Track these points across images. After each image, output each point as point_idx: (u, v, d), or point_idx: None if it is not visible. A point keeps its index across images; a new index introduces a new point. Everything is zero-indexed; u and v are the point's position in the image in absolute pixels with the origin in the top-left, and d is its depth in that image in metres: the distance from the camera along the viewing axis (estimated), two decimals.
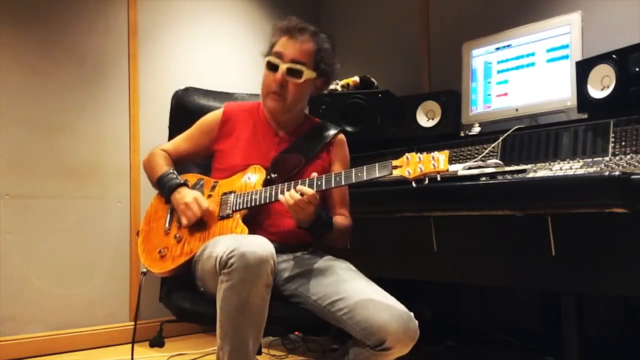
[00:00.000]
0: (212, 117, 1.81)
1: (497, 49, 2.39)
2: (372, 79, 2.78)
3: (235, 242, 1.34)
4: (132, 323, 2.89)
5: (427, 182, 1.39)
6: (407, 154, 1.42)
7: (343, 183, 1.47)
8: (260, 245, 1.34)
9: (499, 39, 2.39)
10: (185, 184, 1.68)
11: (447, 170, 1.37)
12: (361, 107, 2.56)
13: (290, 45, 1.67)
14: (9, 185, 2.58)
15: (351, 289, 1.46)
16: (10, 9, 2.63)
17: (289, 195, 1.48)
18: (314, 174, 1.51)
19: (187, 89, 2.01)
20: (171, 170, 1.71)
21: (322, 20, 3.67)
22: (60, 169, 2.73)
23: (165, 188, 1.68)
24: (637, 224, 1.49)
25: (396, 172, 1.41)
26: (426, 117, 2.49)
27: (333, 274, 1.52)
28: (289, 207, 1.48)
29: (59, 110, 2.74)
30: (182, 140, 1.82)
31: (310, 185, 1.49)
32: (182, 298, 1.56)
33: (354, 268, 1.59)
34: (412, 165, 1.40)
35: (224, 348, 1.33)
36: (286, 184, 1.54)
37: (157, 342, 1.72)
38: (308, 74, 1.67)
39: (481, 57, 2.44)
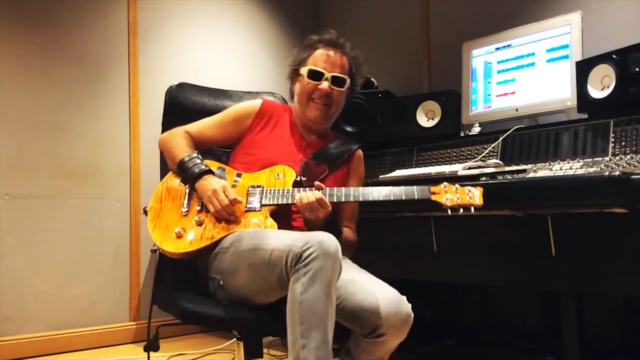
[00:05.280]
0: (248, 108, 1.79)
1: (497, 49, 2.39)
2: (372, 79, 2.78)
3: (305, 237, 1.33)
4: (132, 323, 2.89)
5: (461, 212, 1.45)
6: (444, 183, 1.49)
7: (381, 198, 1.50)
8: (331, 237, 1.34)
9: (499, 39, 2.39)
10: (211, 171, 1.63)
11: (481, 205, 1.46)
12: (361, 107, 2.56)
13: (333, 57, 1.72)
14: (9, 185, 2.58)
15: (341, 279, 1.43)
16: (10, 9, 2.63)
17: (305, 195, 1.51)
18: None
19: (181, 85, 1.97)
20: (195, 154, 1.66)
21: (322, 20, 3.67)
22: (60, 169, 2.73)
23: (188, 172, 1.63)
24: (637, 224, 1.49)
25: (434, 198, 1.47)
26: (426, 117, 2.49)
27: None
28: (300, 206, 1.51)
29: (59, 110, 2.74)
30: (211, 126, 1.77)
31: (347, 195, 1.53)
32: (188, 300, 1.50)
33: (349, 260, 1.60)
34: (449, 194, 1.47)
35: (308, 345, 1.25)
36: (328, 189, 1.55)
37: (152, 346, 1.70)
38: (347, 83, 1.74)
39: (481, 57, 2.44)
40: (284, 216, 1.61)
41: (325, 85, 1.70)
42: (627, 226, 1.52)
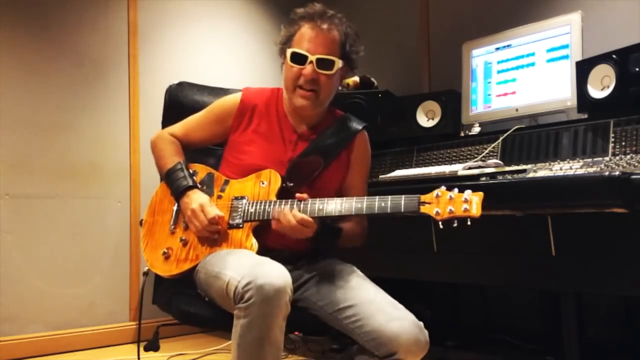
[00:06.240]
0: (228, 104, 1.68)
1: (497, 49, 2.38)
2: (372, 79, 2.78)
3: (251, 272, 1.27)
4: (132, 323, 2.89)
5: (455, 224, 1.31)
6: (437, 190, 1.33)
7: (364, 212, 1.41)
8: (276, 275, 1.28)
9: (499, 39, 2.38)
10: (195, 186, 1.59)
11: (479, 216, 1.28)
12: (361, 107, 2.56)
13: (318, 35, 1.55)
14: (9, 185, 2.58)
15: (359, 297, 1.41)
16: (10, 9, 2.62)
17: (285, 218, 1.41)
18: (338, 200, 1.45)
19: (180, 84, 1.95)
20: (180, 165, 1.62)
21: None
22: (60, 169, 2.73)
23: (173, 187, 1.60)
24: (637, 224, 1.49)
25: (423, 209, 1.34)
26: (426, 117, 2.48)
27: (340, 280, 1.48)
28: (283, 229, 1.43)
29: (59, 110, 2.74)
30: (194, 126, 1.71)
31: (330, 211, 1.43)
32: (185, 301, 1.52)
33: (361, 273, 1.54)
34: (441, 204, 1.32)
35: None
36: (302, 203, 1.45)
37: (152, 346, 1.70)
38: (338, 63, 1.56)
39: (481, 57, 2.44)
40: (268, 228, 1.52)
41: (309, 69, 1.53)
42: (627, 226, 1.52)
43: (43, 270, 2.65)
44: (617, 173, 1.41)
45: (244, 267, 1.32)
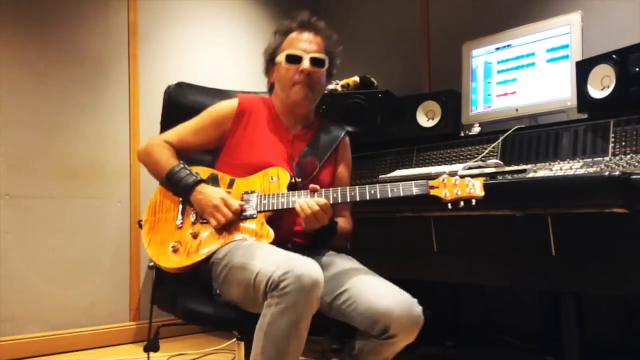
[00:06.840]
0: (226, 109, 1.73)
1: (497, 49, 2.38)
2: (372, 79, 2.78)
3: (286, 263, 1.29)
4: (132, 323, 2.89)
5: (462, 205, 1.41)
6: (442, 177, 1.44)
7: (378, 197, 1.47)
8: (314, 268, 1.30)
9: (499, 39, 2.38)
10: (203, 181, 1.60)
11: (483, 196, 1.39)
12: (361, 107, 2.56)
13: (308, 37, 1.70)
14: (9, 185, 2.58)
15: (352, 280, 1.45)
16: (11, 9, 2.63)
17: (307, 204, 1.48)
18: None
19: (179, 85, 1.95)
20: (182, 165, 1.62)
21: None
22: (61, 169, 2.73)
23: (179, 185, 1.59)
24: (637, 224, 1.49)
25: (433, 192, 1.43)
26: (426, 117, 2.48)
27: (334, 268, 1.52)
28: (305, 216, 1.48)
29: (59, 111, 2.74)
30: (190, 131, 1.72)
31: (344, 197, 1.50)
32: (191, 299, 1.51)
33: (355, 261, 1.60)
34: (448, 187, 1.42)
35: None
36: (324, 191, 1.53)
37: (152, 346, 1.70)
38: (327, 62, 1.71)
39: (481, 57, 2.44)
40: (280, 221, 1.58)
41: (306, 64, 1.66)
42: (627, 226, 1.52)
43: (43, 270, 2.65)
44: (617, 173, 1.41)
45: (276, 259, 1.34)
